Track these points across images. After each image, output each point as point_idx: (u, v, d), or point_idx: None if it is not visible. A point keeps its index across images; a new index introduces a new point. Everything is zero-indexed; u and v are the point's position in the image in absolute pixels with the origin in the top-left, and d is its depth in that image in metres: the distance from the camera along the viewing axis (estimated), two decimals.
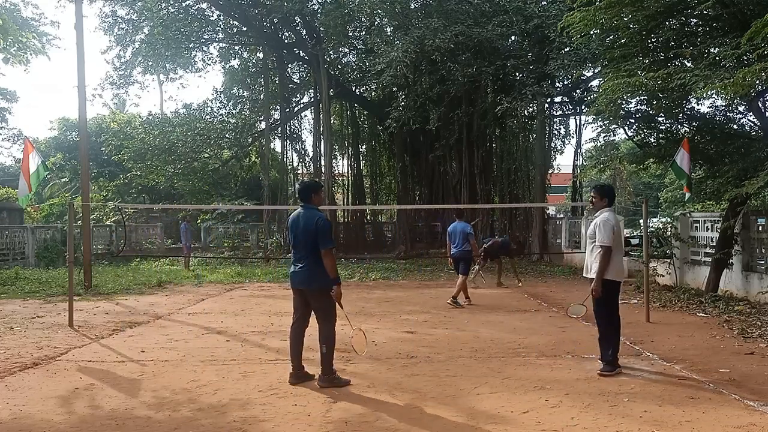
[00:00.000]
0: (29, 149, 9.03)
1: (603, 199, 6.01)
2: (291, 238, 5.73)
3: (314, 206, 5.66)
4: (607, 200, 6.01)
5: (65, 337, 8.00)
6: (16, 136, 37.11)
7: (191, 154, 24.23)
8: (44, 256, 19.83)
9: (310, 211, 5.60)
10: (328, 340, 5.55)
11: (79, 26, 14.04)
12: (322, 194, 5.97)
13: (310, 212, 5.59)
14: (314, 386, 5.54)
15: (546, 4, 19.56)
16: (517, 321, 9.07)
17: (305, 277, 5.55)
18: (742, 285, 10.79)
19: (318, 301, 5.58)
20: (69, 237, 9.43)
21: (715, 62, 9.34)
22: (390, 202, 29.38)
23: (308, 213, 5.58)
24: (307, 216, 5.55)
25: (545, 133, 23.95)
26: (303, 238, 5.51)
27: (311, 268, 5.50)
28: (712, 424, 4.46)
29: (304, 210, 5.63)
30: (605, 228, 5.78)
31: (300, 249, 5.56)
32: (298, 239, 5.57)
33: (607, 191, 6.08)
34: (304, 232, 5.50)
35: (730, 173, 10.46)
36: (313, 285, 5.55)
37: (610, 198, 6.04)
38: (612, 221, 5.82)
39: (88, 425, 4.56)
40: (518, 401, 5.03)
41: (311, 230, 5.47)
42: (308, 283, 5.56)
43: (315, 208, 5.64)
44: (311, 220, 5.50)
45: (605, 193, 6.05)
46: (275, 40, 25.30)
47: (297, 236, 5.58)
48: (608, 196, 6.04)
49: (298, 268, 5.59)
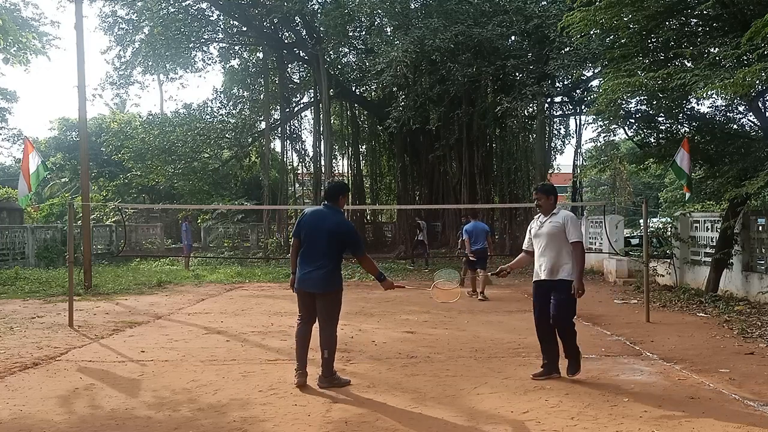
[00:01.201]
0: (29, 149, 9.03)
1: (550, 198, 5.73)
2: (305, 236, 5.38)
3: (339, 208, 5.45)
4: (553, 199, 5.75)
5: (65, 337, 8.00)
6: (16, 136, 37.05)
7: (191, 154, 24.27)
8: (44, 256, 19.83)
9: (336, 213, 5.38)
10: (330, 344, 5.38)
11: (79, 26, 14.04)
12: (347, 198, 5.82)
13: (336, 214, 5.36)
14: (314, 386, 5.53)
15: (546, 4, 19.58)
16: (517, 321, 9.06)
17: (323, 280, 5.28)
18: (742, 285, 10.79)
19: (329, 304, 5.38)
20: (69, 237, 9.43)
21: (715, 62, 9.34)
22: (390, 202, 29.41)
23: (334, 215, 5.35)
24: (334, 217, 5.32)
25: (545, 133, 23.99)
26: (325, 240, 5.25)
27: (330, 272, 5.29)
28: (712, 424, 4.45)
29: (328, 210, 5.38)
30: (575, 223, 5.62)
31: (319, 250, 5.27)
32: (318, 240, 5.28)
33: (553, 190, 5.84)
34: (329, 233, 5.24)
35: (730, 173, 10.45)
36: (330, 288, 5.34)
37: (556, 197, 5.79)
38: (576, 217, 5.73)
39: (88, 425, 4.55)
40: (518, 401, 5.03)
41: (339, 233, 5.25)
42: (325, 287, 5.31)
43: (340, 211, 5.44)
44: (340, 224, 5.31)
45: (552, 192, 5.79)
46: (275, 40, 25.32)
47: (316, 236, 5.29)
48: (555, 196, 5.80)
49: (314, 270, 5.28)
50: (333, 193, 5.50)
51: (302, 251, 5.38)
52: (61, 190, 33.95)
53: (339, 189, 5.58)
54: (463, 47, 19.24)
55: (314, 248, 5.30)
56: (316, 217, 5.36)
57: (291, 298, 12.96)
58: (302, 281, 5.38)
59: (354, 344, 7.49)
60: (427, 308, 10.30)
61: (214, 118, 26.45)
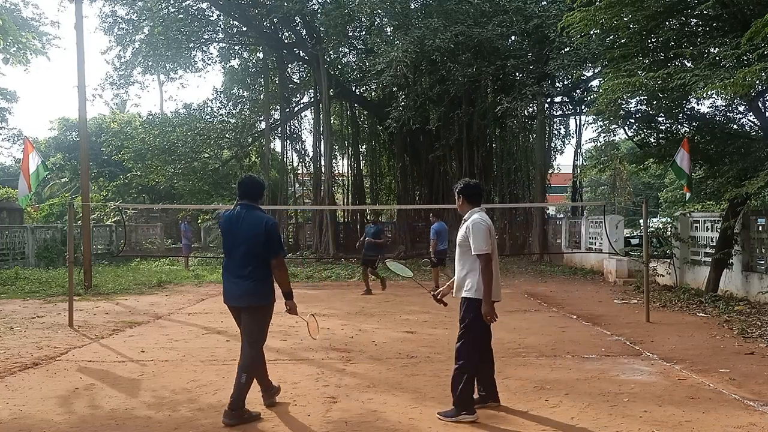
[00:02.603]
0: (29, 149, 9.04)
1: (460, 198, 4.89)
2: (227, 242, 4.77)
3: (259, 206, 4.84)
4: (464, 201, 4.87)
5: (65, 337, 8.00)
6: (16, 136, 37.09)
7: (191, 154, 24.25)
8: (44, 256, 19.83)
9: (256, 212, 4.74)
10: (249, 367, 4.67)
11: (79, 26, 14.04)
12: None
13: (255, 213, 4.72)
14: (314, 386, 5.53)
15: (546, 4, 19.57)
16: (517, 321, 9.07)
17: (251, 290, 4.62)
18: (742, 285, 10.79)
19: (255, 320, 4.70)
20: (69, 237, 9.43)
21: (715, 62, 9.34)
22: (390, 202, 29.38)
23: (254, 214, 4.70)
24: (253, 218, 4.67)
25: (545, 133, 23.97)
26: (247, 244, 4.62)
27: (259, 281, 4.63)
28: (712, 424, 4.46)
29: (247, 210, 4.73)
30: (476, 231, 4.60)
31: (242, 257, 4.65)
32: (240, 245, 4.65)
33: (466, 189, 4.89)
34: (250, 236, 4.61)
35: (730, 173, 10.46)
36: (260, 301, 4.67)
37: (475, 197, 4.87)
38: (484, 223, 4.65)
39: (88, 425, 4.56)
40: (518, 401, 5.03)
41: (259, 235, 4.60)
42: (254, 299, 4.65)
43: (261, 209, 4.83)
44: (259, 223, 4.64)
45: (465, 193, 4.87)
46: (275, 40, 25.31)
47: (237, 241, 4.66)
48: (472, 195, 4.87)
49: (239, 279, 4.64)
50: (254, 191, 4.84)
51: (226, 261, 4.80)
52: (61, 190, 33.95)
53: (261, 186, 4.93)
54: (463, 47, 19.23)
55: (237, 255, 4.68)
56: (235, 219, 4.72)
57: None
58: (229, 293, 4.76)
59: (354, 344, 7.49)
60: (427, 308, 10.30)
61: (214, 118, 26.45)
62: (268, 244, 4.62)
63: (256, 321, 4.71)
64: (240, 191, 4.85)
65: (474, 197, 4.87)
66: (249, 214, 4.70)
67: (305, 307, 10.85)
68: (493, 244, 4.67)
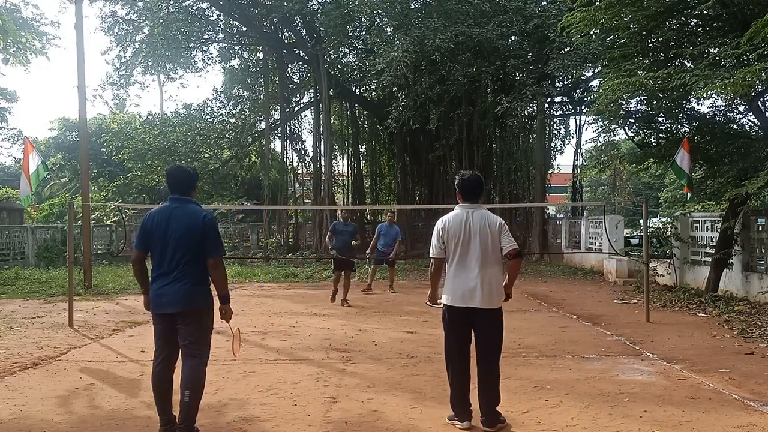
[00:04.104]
0: (29, 149, 9.05)
1: (458, 192, 4.65)
2: (157, 242, 4.19)
3: (193, 199, 4.40)
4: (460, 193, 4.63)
5: (65, 337, 8.00)
6: (16, 136, 37.12)
7: (191, 154, 24.24)
8: (44, 256, 19.83)
9: (190, 206, 4.28)
10: (195, 382, 4.11)
11: (79, 27, 14.04)
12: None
13: (190, 207, 4.26)
14: (314, 386, 5.53)
15: (546, 4, 19.57)
16: (517, 321, 9.06)
17: (185, 294, 4.10)
18: (742, 285, 10.79)
19: (195, 328, 4.15)
20: (69, 237, 9.44)
21: (715, 62, 9.34)
22: (390, 202, 29.37)
23: (188, 208, 4.24)
24: (187, 212, 4.20)
25: (545, 133, 23.98)
26: (180, 242, 4.12)
27: (195, 283, 4.14)
28: (712, 424, 4.46)
29: (179, 204, 4.26)
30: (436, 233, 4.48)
31: (173, 257, 4.13)
32: (171, 243, 4.13)
33: (461, 183, 4.64)
34: (184, 233, 4.12)
35: (730, 173, 10.46)
36: (198, 304, 4.16)
37: (466, 192, 4.60)
38: (440, 223, 4.50)
39: (88, 425, 4.55)
40: (518, 401, 5.03)
41: (195, 230, 4.13)
42: (189, 302, 4.12)
43: (196, 203, 4.39)
44: (195, 218, 4.17)
45: (459, 187, 4.64)
46: (275, 40, 25.32)
47: (168, 239, 4.14)
48: (463, 189, 4.60)
49: (171, 282, 4.11)
50: (186, 183, 4.37)
51: (156, 263, 4.22)
52: (61, 190, 33.93)
53: (192, 177, 4.44)
54: (463, 47, 19.23)
55: (168, 254, 4.15)
56: (164, 215, 4.23)
57: (291, 297, 12.96)
58: (159, 299, 4.18)
59: (354, 344, 7.49)
60: (427, 308, 10.29)
61: (214, 118, 26.46)
62: (206, 241, 4.15)
63: (196, 326, 4.16)
64: (169, 184, 4.38)
65: (465, 192, 4.57)
66: (182, 208, 4.23)
67: (305, 307, 10.89)
68: (458, 244, 4.39)
